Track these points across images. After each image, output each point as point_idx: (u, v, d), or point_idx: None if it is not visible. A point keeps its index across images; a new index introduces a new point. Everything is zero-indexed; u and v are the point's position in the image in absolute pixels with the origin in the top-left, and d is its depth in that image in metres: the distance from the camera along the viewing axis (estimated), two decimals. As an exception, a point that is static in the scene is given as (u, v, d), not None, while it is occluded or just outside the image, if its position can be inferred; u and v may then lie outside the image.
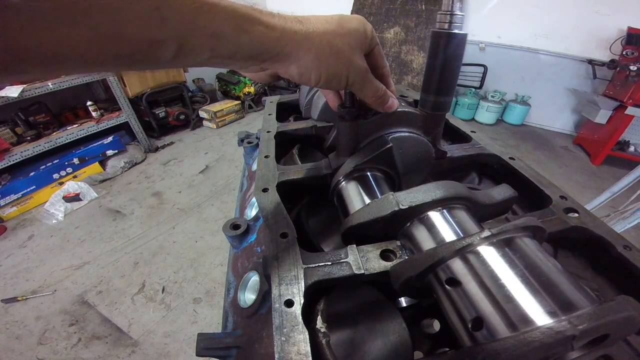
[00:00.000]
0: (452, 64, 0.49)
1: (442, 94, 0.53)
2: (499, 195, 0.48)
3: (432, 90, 0.53)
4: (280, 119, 0.87)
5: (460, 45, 0.48)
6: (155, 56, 0.28)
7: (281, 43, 0.35)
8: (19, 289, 2.11)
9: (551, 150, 4.06)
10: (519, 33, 4.17)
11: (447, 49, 0.47)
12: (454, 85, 0.53)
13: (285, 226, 0.47)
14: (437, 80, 0.52)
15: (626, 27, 3.49)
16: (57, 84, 2.93)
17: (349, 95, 0.51)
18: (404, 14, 4.01)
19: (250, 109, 4.97)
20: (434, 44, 0.49)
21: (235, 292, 0.53)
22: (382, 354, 0.41)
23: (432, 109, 0.55)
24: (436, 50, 0.49)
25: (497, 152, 0.69)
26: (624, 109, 3.36)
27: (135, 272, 2.22)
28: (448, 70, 0.50)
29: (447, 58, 0.48)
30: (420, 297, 0.48)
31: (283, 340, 0.33)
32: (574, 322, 0.26)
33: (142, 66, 0.29)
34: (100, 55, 0.25)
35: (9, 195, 2.76)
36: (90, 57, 0.24)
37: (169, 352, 1.74)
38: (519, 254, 0.34)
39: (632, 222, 1.46)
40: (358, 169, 0.55)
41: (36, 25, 0.21)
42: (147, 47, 0.26)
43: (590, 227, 0.47)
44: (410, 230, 0.44)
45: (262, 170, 0.62)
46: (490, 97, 4.56)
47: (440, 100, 0.54)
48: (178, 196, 3.01)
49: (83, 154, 3.25)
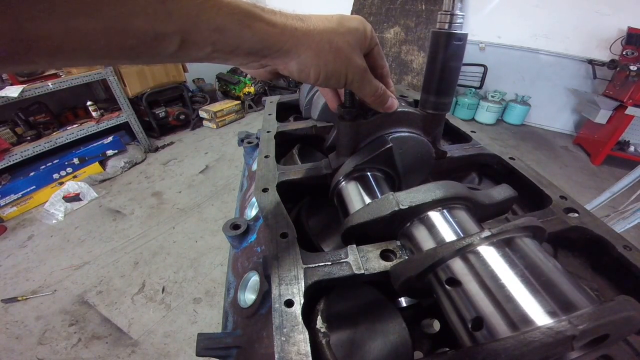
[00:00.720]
0: (453, 64, 0.49)
1: (442, 94, 0.53)
2: (499, 195, 0.48)
3: (432, 90, 0.53)
4: (280, 119, 0.87)
5: (461, 46, 0.48)
6: (158, 49, 0.28)
7: (282, 39, 0.35)
8: (19, 289, 2.11)
9: (551, 150, 4.06)
10: (519, 33, 4.16)
11: (448, 49, 0.47)
12: (454, 86, 0.53)
13: (285, 226, 0.47)
14: (438, 81, 0.52)
15: (626, 27, 3.48)
16: (57, 84, 2.92)
17: (349, 95, 0.51)
18: (404, 14, 4.01)
19: (250, 109, 4.97)
20: (434, 44, 0.49)
21: (235, 292, 0.53)
22: (382, 354, 0.41)
23: (433, 109, 0.55)
24: (436, 50, 0.49)
25: (497, 152, 0.69)
26: (624, 109, 3.36)
27: (135, 272, 2.22)
28: (448, 70, 0.50)
29: (447, 58, 0.48)
30: (420, 297, 0.48)
31: (283, 340, 0.33)
32: (574, 322, 0.26)
33: (145, 59, 0.29)
34: (106, 47, 0.25)
35: (9, 195, 2.76)
36: (96, 48, 0.25)
37: (169, 352, 1.73)
38: (519, 254, 0.34)
39: (632, 222, 1.46)
40: (358, 169, 0.55)
41: (47, 15, 0.21)
42: (151, 40, 0.27)
43: (590, 227, 0.47)
44: (410, 230, 0.44)
45: (262, 170, 0.62)
46: (490, 97, 4.56)
47: (441, 100, 0.54)
48: (178, 196, 3.01)
49: (83, 154, 3.25)
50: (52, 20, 0.21)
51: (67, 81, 3.01)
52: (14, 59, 0.22)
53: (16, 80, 2.82)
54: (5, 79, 2.86)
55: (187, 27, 0.28)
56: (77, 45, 0.24)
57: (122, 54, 0.27)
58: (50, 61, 0.25)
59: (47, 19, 0.21)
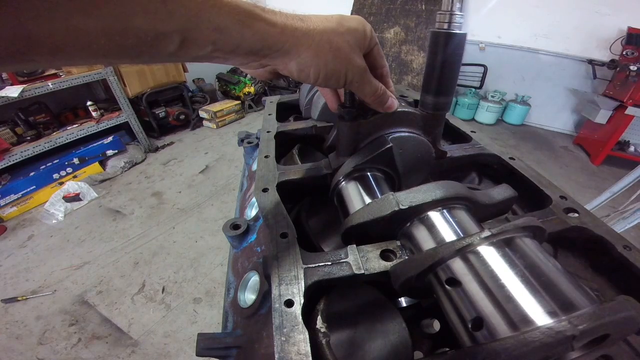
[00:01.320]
0: (452, 64, 0.49)
1: (442, 94, 0.53)
2: (499, 195, 0.48)
3: (431, 90, 0.53)
4: (280, 119, 0.87)
5: (460, 45, 0.48)
6: (158, 48, 0.28)
7: (282, 39, 0.35)
8: (19, 289, 2.11)
9: (551, 150, 4.06)
10: (519, 33, 4.16)
11: (447, 49, 0.47)
12: (453, 86, 0.53)
13: (285, 226, 0.47)
14: (437, 81, 0.51)
15: (626, 27, 3.49)
16: (57, 84, 2.92)
17: (349, 95, 0.51)
18: (404, 14, 4.01)
19: (250, 109, 4.97)
20: (433, 44, 0.49)
21: (235, 292, 0.53)
22: (382, 354, 0.41)
23: (432, 109, 0.55)
24: (435, 50, 0.48)
25: (497, 152, 0.69)
26: (624, 109, 3.36)
27: (135, 272, 2.22)
28: (448, 70, 0.50)
29: (446, 58, 0.48)
30: (420, 297, 0.48)
31: (283, 340, 0.33)
32: (574, 322, 0.26)
33: (145, 59, 0.29)
34: (106, 46, 0.25)
35: (9, 195, 2.76)
36: (97, 48, 0.25)
37: (169, 352, 1.73)
38: (519, 254, 0.34)
39: (632, 222, 1.46)
40: (358, 169, 0.55)
41: (49, 14, 0.21)
42: (152, 39, 0.27)
43: (590, 227, 0.47)
44: (410, 230, 0.44)
45: (262, 170, 0.62)
46: (490, 97, 4.56)
47: (441, 100, 0.54)
48: (178, 196, 3.01)
49: (83, 154, 3.25)
50: (53, 19, 0.22)
51: (67, 81, 3.01)
52: (15, 58, 0.22)
53: (16, 80, 2.82)
54: (6, 79, 2.86)
55: (188, 27, 0.28)
56: (78, 44, 0.24)
57: (123, 53, 0.27)
58: (50, 60, 0.25)
59: (48, 17, 0.21)
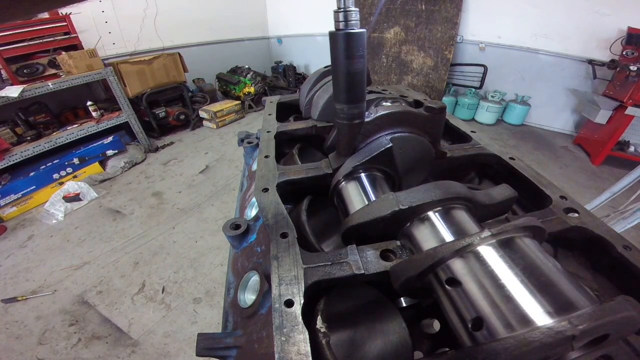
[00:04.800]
0: (356, 66, 0.45)
1: (353, 101, 0.48)
2: (499, 195, 0.48)
3: (342, 99, 0.49)
4: (280, 119, 0.87)
5: (361, 45, 0.43)
6: None
7: None
8: (19, 289, 2.11)
9: (551, 150, 4.06)
10: (519, 33, 4.16)
11: (348, 51, 0.43)
12: (363, 91, 0.48)
13: (285, 226, 0.47)
14: (345, 89, 0.47)
15: (626, 27, 3.49)
16: (57, 84, 2.93)
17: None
18: (404, 14, 4.02)
19: (250, 109, 4.97)
20: (333, 48, 0.44)
21: (235, 292, 0.53)
22: (382, 353, 0.41)
23: (348, 120, 0.51)
24: (336, 54, 0.44)
25: (497, 152, 0.69)
26: (624, 109, 3.36)
27: (135, 272, 2.22)
28: (353, 74, 0.46)
29: (349, 61, 0.44)
30: (420, 297, 0.48)
31: (283, 340, 0.33)
32: (574, 322, 0.26)
33: None
34: None
35: (9, 195, 2.77)
36: None
37: (169, 352, 1.73)
38: (519, 254, 0.34)
39: (632, 222, 1.46)
40: (358, 169, 0.55)
41: None
42: None
43: (590, 227, 0.47)
44: (410, 230, 0.44)
45: (262, 170, 0.62)
46: (490, 97, 4.56)
47: (354, 110, 0.49)
48: (178, 196, 3.01)
49: (83, 154, 3.25)
50: None
51: (67, 81, 3.01)
52: None
53: (16, 80, 2.82)
54: (6, 79, 2.87)
55: None
56: None
57: None
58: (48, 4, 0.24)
59: None
